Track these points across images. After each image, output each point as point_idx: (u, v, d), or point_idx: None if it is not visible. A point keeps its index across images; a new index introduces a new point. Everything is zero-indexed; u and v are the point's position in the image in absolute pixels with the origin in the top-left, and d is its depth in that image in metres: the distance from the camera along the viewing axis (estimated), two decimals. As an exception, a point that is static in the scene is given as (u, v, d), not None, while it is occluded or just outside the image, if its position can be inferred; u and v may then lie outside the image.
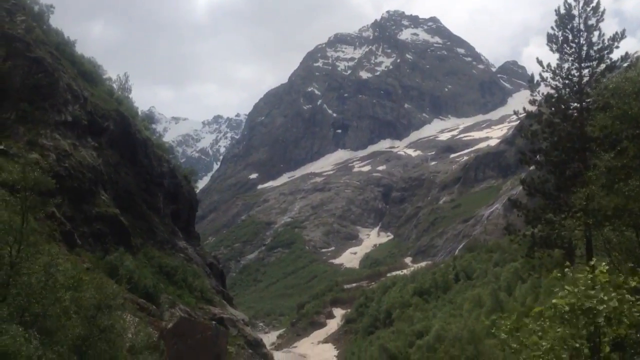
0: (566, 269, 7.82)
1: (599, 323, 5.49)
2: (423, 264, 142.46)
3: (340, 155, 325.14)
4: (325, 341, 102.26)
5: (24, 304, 14.32)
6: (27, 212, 14.95)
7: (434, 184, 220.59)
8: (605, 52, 26.00)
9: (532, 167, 29.98)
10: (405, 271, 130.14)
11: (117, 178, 57.21)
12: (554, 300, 6.26)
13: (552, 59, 27.27)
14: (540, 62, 26.83)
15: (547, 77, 26.79)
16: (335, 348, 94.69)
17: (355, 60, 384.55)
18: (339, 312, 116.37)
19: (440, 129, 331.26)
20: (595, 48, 26.17)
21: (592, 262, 8.33)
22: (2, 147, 38.00)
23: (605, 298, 6.38)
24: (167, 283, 55.75)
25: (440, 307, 73.72)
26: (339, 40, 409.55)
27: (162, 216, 65.75)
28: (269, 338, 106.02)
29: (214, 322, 54.17)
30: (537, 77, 27.06)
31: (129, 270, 43.82)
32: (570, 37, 26.52)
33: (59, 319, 15.39)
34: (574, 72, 26.73)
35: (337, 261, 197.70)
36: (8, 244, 14.24)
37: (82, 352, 15.77)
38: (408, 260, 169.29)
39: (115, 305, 17.76)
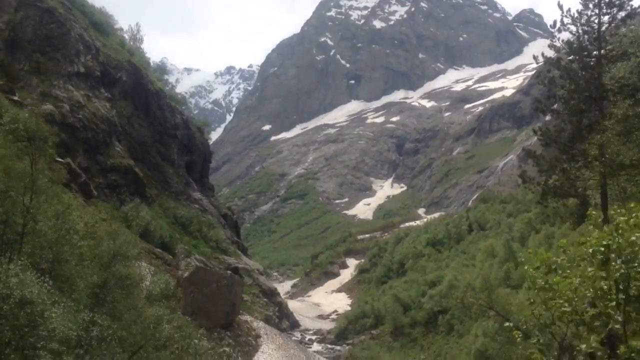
0: (592, 216, 7.71)
1: (634, 266, 5.41)
2: (436, 215, 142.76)
3: (354, 106, 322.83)
4: (339, 290, 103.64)
5: (39, 251, 14.52)
6: (36, 159, 15.00)
7: (447, 135, 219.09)
8: (626, -2, 25.27)
9: (547, 117, 29.64)
10: (418, 222, 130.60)
11: (130, 129, 57.33)
12: (582, 239, 6.17)
13: (572, 3, 26.58)
14: (560, 7, 26.15)
15: (567, 23, 26.16)
16: (348, 297, 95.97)
17: (369, 9, 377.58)
18: (352, 263, 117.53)
19: (455, 79, 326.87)
20: (615, -7, 25.42)
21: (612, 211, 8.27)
22: (16, 98, 38.05)
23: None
24: (183, 233, 56.44)
25: (453, 258, 74.12)
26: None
27: (176, 167, 66.10)
28: (283, 287, 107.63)
29: (229, 272, 54.96)
30: (557, 24, 26.44)
31: (145, 220, 44.32)
32: (591, -19, 25.75)
33: (74, 266, 15.62)
34: (593, 18, 26.07)
35: (350, 212, 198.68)
36: (21, 192, 14.35)
37: (99, 299, 16.06)
38: (421, 211, 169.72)
39: (132, 253, 17.98)
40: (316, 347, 64.25)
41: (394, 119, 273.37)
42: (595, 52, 26.12)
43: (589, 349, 4.52)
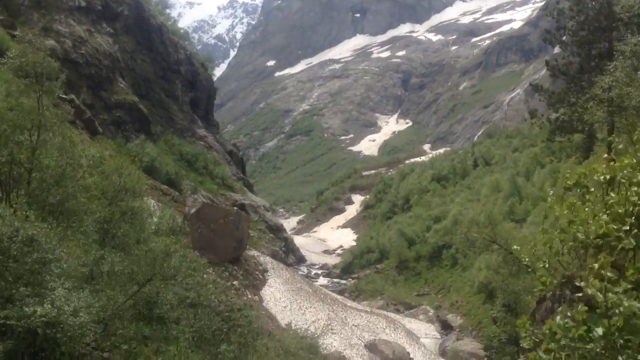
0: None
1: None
2: (442, 150, 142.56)
3: (359, 40, 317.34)
4: (344, 226, 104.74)
5: (46, 187, 14.60)
6: (42, 96, 14.90)
7: (454, 70, 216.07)
8: None
9: (556, 49, 29.12)
10: (423, 158, 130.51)
11: (133, 65, 56.69)
12: (596, 166, 6.10)
13: None
14: None
15: (578, -49, 25.35)
16: (353, 232, 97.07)
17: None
18: (357, 199, 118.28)
19: (462, 11, 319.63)
20: None
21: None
22: (17, 33, 37.48)
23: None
24: (189, 170, 56.64)
25: (458, 193, 74.42)
26: None
27: (180, 104, 65.70)
28: (289, 223, 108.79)
29: (235, 208, 55.43)
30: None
31: (151, 157, 44.40)
32: None
33: (82, 202, 15.75)
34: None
35: (355, 149, 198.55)
36: (28, 129, 14.33)
37: (108, 234, 16.27)
38: (427, 147, 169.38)
39: (138, 188, 18.09)
40: (322, 281, 65.51)
41: (400, 53, 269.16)
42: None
43: (600, 268, 4.54)
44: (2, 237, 11.50)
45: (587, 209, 5.93)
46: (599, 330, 4.42)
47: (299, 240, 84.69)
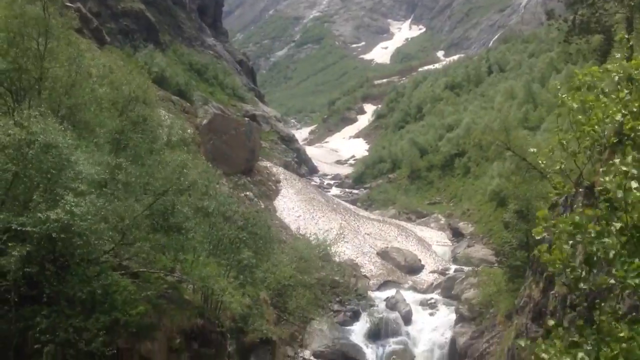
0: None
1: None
2: (455, 57, 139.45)
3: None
4: (357, 136, 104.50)
5: (56, 96, 14.47)
6: (47, 3, 14.50)
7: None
8: None
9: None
10: (437, 65, 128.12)
11: (138, -28, 54.97)
12: (611, 67, 5.86)
13: None
14: None
15: None
16: (366, 142, 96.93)
17: None
18: (369, 108, 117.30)
19: None
20: None
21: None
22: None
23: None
24: (199, 81, 56.05)
25: (471, 101, 73.43)
26: None
27: (188, 12, 64.12)
28: (301, 134, 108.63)
29: (247, 119, 55.23)
30: None
31: (160, 67, 43.83)
32: None
33: (93, 112, 15.65)
34: None
35: (367, 57, 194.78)
36: (35, 37, 14.03)
37: (120, 145, 16.24)
38: (440, 53, 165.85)
39: (148, 98, 17.90)
40: (334, 191, 66.05)
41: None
42: None
43: (621, 164, 4.40)
44: (20, 143, 11.51)
45: (602, 106, 5.72)
46: (617, 225, 4.40)
47: (311, 151, 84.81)
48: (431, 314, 34.99)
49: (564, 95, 6.77)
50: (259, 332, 18.70)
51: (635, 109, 4.96)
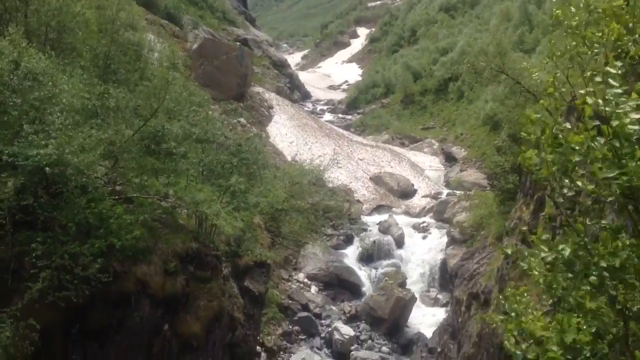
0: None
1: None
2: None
3: None
4: (350, 61, 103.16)
5: (43, 20, 14.08)
6: None
7: None
8: None
9: None
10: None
11: None
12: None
13: None
14: None
15: None
16: (359, 67, 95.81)
17: None
18: (363, 32, 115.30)
19: None
20: None
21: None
22: None
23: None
24: (188, 4, 54.67)
25: (466, 23, 72.13)
26: None
27: None
28: (293, 59, 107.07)
29: (238, 43, 54.27)
30: None
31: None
32: None
33: (81, 35, 15.28)
34: None
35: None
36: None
37: (107, 69, 15.95)
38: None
39: (137, 21, 17.44)
40: (328, 116, 65.78)
41: None
42: None
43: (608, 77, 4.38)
44: (2, 71, 11.29)
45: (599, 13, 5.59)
46: (601, 140, 4.45)
47: (303, 76, 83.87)
48: (423, 237, 35.65)
49: (558, 11, 6.63)
50: (254, 256, 18.98)
51: (630, 23, 4.87)
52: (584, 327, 5.08)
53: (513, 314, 5.81)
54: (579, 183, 4.78)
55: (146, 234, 13.75)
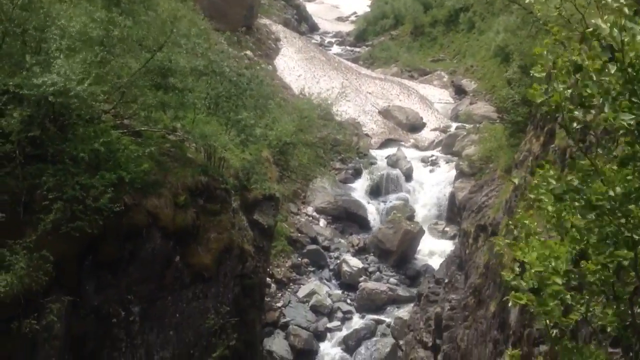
0: None
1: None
2: None
3: None
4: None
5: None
6: None
7: None
8: None
9: None
10: None
11: None
12: None
13: None
14: None
15: None
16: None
17: None
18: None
19: None
20: None
21: None
22: None
23: None
24: None
25: (478, -49, 69.94)
26: None
27: None
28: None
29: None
30: None
31: None
32: None
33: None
34: None
35: None
36: None
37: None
38: None
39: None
40: (336, 49, 64.71)
41: None
42: None
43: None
44: (2, 2, 11.12)
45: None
46: (612, 68, 4.35)
47: (311, 8, 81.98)
48: (432, 171, 35.70)
49: None
50: (262, 189, 19.10)
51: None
52: (591, 254, 5.11)
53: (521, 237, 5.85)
54: (592, 112, 4.70)
55: (155, 167, 13.83)
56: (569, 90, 4.58)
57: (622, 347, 6.12)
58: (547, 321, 5.64)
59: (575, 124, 4.63)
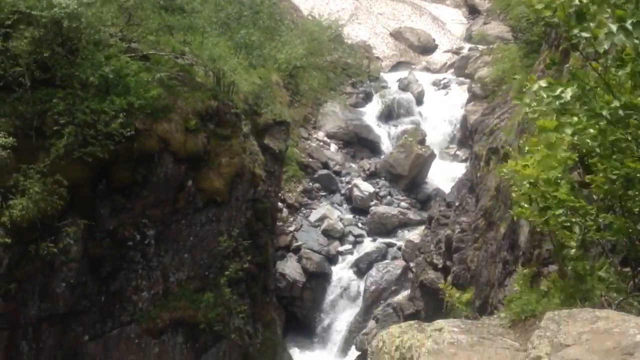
0: None
1: None
2: None
3: None
4: None
5: None
6: None
7: None
8: None
9: None
10: None
11: None
12: None
13: None
14: None
15: None
16: None
17: None
18: None
19: None
20: None
21: None
22: None
23: None
24: None
25: None
26: None
27: None
28: None
29: None
30: None
31: None
32: None
33: None
34: None
35: None
36: None
37: None
38: None
39: None
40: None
41: None
42: None
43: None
44: None
45: None
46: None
47: None
48: (444, 94, 35.20)
49: None
50: (273, 114, 19.00)
51: None
52: (599, 167, 5.07)
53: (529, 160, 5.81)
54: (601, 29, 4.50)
55: (165, 92, 13.74)
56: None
57: (631, 266, 6.14)
58: (558, 239, 5.67)
59: (576, 31, 4.44)
